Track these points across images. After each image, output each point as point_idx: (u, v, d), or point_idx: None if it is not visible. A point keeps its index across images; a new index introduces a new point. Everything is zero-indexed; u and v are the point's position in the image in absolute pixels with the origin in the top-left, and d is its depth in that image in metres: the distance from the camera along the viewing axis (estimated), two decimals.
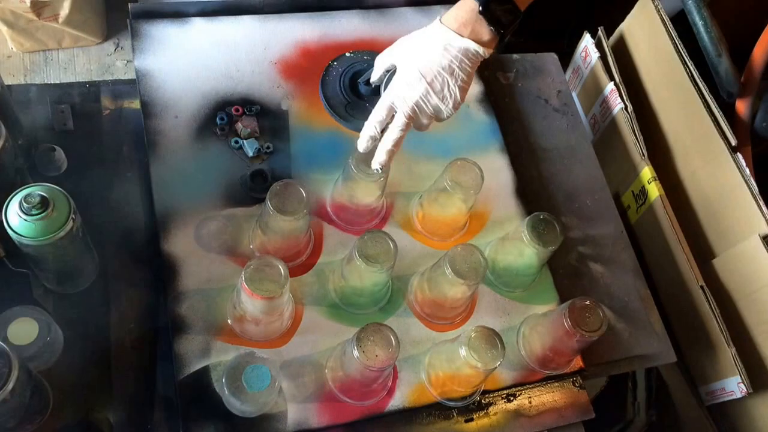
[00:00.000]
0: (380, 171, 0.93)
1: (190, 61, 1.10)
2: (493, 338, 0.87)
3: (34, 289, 0.92)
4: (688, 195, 1.28)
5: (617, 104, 1.32)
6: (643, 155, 1.27)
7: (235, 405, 0.86)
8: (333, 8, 1.22)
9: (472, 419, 0.97)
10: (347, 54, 1.16)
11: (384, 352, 0.83)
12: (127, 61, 2.07)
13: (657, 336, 1.11)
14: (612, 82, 1.33)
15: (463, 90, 0.91)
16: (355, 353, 0.82)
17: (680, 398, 1.31)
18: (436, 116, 0.93)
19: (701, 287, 1.17)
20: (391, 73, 0.96)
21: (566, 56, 1.45)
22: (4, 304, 0.86)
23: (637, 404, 1.31)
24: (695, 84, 1.22)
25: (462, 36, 0.88)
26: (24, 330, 0.83)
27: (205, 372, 0.90)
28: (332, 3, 1.22)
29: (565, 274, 1.12)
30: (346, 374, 0.88)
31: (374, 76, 1.01)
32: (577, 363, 1.03)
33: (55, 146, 0.99)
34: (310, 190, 0.91)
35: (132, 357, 0.92)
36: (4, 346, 0.70)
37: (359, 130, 1.10)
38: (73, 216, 0.80)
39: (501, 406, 0.99)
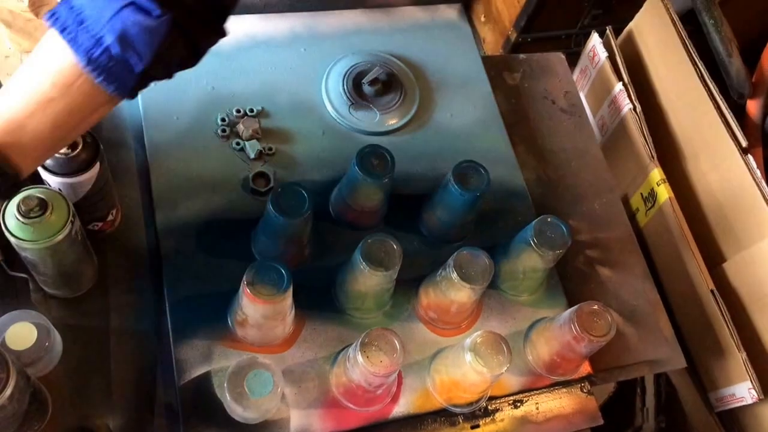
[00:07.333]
0: None
1: None
2: (499, 343, 0.86)
3: (33, 293, 0.91)
4: (698, 197, 1.27)
5: (626, 105, 1.30)
6: (652, 157, 1.26)
7: (237, 411, 0.84)
8: (336, 7, 1.21)
9: (478, 425, 0.96)
10: (350, 54, 1.15)
11: (388, 357, 0.82)
12: None
13: (666, 341, 1.10)
14: (620, 83, 1.32)
15: None
16: (359, 359, 0.81)
17: (690, 404, 1.29)
18: None
19: (711, 291, 1.16)
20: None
21: (574, 56, 1.44)
22: (3, 308, 0.85)
23: (646, 410, 1.30)
24: (705, 84, 1.21)
25: None
26: (22, 335, 0.82)
27: (206, 378, 0.89)
28: (335, 2, 1.21)
29: (573, 277, 1.10)
30: (350, 380, 0.87)
31: None
32: (585, 368, 1.02)
33: None
34: (312, 192, 0.90)
35: (132, 362, 0.91)
36: (2, 351, 0.69)
37: (362, 131, 1.10)
38: (72, 219, 0.79)
39: (508, 413, 0.98)
